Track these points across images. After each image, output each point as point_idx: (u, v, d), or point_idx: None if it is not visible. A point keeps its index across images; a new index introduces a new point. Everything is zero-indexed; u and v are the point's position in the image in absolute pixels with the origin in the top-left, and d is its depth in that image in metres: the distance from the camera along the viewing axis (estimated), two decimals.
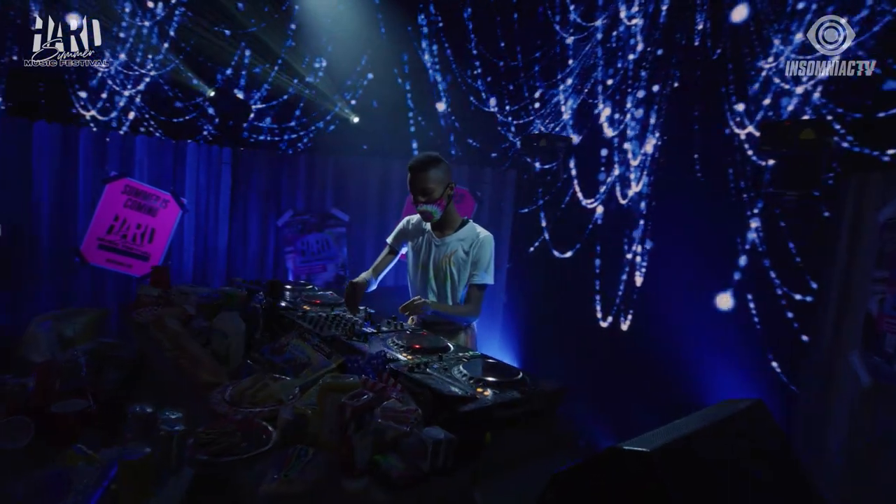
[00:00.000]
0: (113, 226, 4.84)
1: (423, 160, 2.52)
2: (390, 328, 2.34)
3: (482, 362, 1.92)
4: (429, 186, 2.50)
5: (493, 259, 2.62)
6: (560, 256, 4.91)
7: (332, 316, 2.43)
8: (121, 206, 4.86)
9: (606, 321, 4.57)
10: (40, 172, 4.48)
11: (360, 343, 2.02)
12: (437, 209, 2.56)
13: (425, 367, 1.82)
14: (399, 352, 1.99)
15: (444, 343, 2.13)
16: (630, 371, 4.27)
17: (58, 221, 4.60)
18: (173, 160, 5.09)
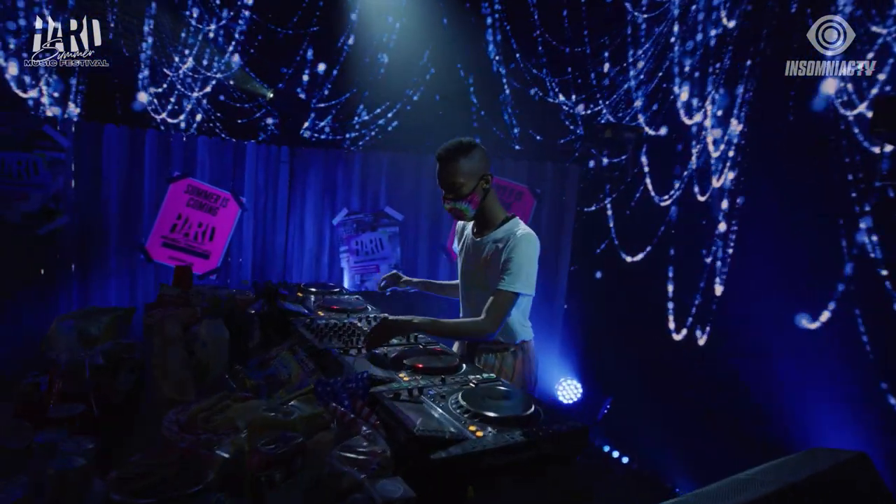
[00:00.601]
0: (176, 224, 4.92)
1: (452, 148, 2.11)
2: (402, 342, 2.05)
3: (491, 390, 1.58)
4: (458, 180, 2.09)
5: (531, 264, 2.09)
6: (629, 260, 4.41)
7: (343, 324, 2.19)
8: (183, 204, 4.94)
9: (680, 334, 4.02)
10: (109, 171, 4.63)
11: (352, 359, 1.74)
12: (469, 206, 2.15)
13: (419, 394, 1.51)
14: (395, 372, 1.69)
15: (455, 362, 1.81)
16: (705, 394, 3.72)
17: (125, 219, 4.74)
18: (233, 160, 5.11)
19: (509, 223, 2.21)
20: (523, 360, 2.20)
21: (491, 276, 2.12)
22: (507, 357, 2.18)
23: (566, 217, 4.62)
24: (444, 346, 2.06)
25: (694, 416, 3.74)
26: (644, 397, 4.12)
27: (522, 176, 4.61)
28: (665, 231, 4.15)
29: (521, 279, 2.06)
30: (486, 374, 1.77)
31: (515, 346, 2.20)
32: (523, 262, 2.07)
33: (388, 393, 1.45)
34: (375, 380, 1.56)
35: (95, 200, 4.61)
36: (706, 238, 3.87)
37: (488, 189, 2.18)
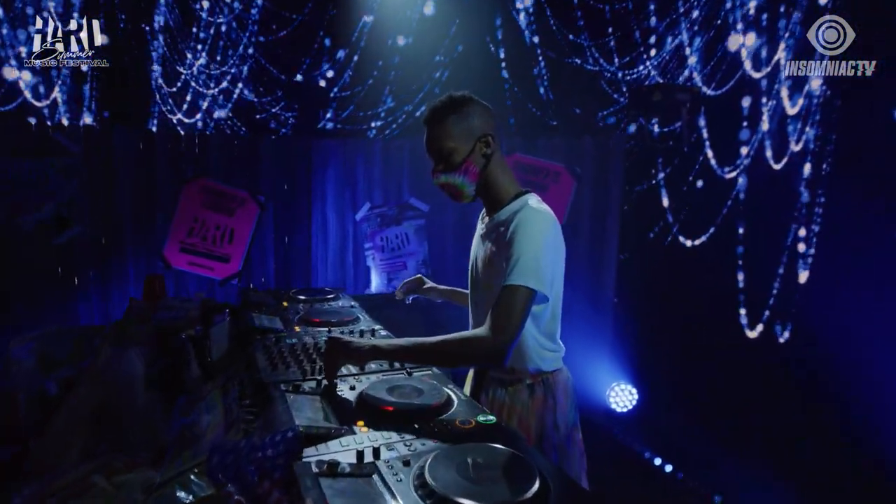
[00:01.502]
0: (193, 227, 4.65)
1: (439, 105, 1.59)
2: (381, 367, 1.56)
3: (479, 455, 1.07)
4: (447, 144, 1.56)
5: (544, 250, 1.49)
6: (689, 244, 3.75)
7: (316, 343, 1.73)
8: (199, 206, 4.66)
9: (755, 331, 3.35)
10: (121, 176, 4.41)
11: (302, 398, 1.28)
12: (465, 179, 1.59)
13: (373, 460, 1.03)
14: (354, 418, 1.22)
15: (440, 398, 1.31)
16: (791, 404, 3.05)
17: (141, 225, 4.51)
18: (248, 157, 4.79)
19: (518, 200, 1.63)
20: (544, 399, 1.61)
21: (496, 273, 1.55)
22: (519, 392, 1.62)
23: (612, 198, 4.01)
24: (439, 374, 1.56)
25: (774, 431, 3.08)
26: (712, 405, 3.47)
27: (559, 154, 4.03)
28: (732, 208, 3.47)
29: (531, 269, 1.45)
30: (483, 415, 1.26)
31: (532, 376, 1.62)
32: (532, 246, 1.48)
33: (318, 465, 0.97)
34: (313, 435, 1.09)
35: (109, 207, 4.40)
36: (784, 213, 3.17)
37: (490, 154, 1.61)
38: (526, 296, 1.44)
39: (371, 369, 1.54)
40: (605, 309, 4.07)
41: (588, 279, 4.07)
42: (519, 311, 1.43)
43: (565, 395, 1.66)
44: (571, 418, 1.69)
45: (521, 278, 1.44)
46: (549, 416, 1.61)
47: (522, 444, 1.16)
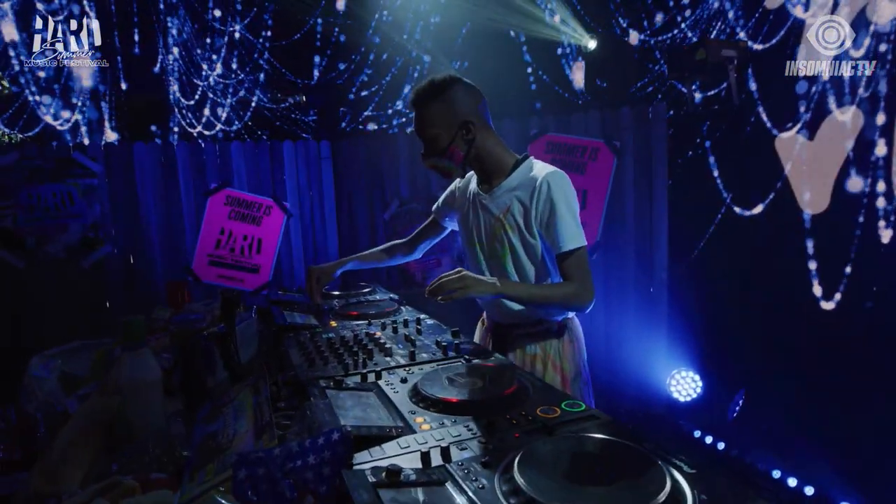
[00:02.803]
0: (220, 240, 4.51)
1: (420, 91, 1.62)
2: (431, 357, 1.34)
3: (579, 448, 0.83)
4: (431, 131, 1.61)
5: (576, 207, 1.62)
6: (745, 214, 3.43)
7: (356, 337, 1.52)
8: (225, 217, 4.52)
9: (832, 301, 3.01)
10: (145, 193, 4.30)
11: (345, 396, 1.05)
12: (451, 163, 1.65)
13: (443, 463, 0.80)
14: (412, 413, 0.99)
15: (509, 387, 1.07)
16: (880, 384, 2.70)
17: (168, 241, 4.40)
18: (270, 163, 4.65)
19: (523, 166, 1.69)
20: (571, 341, 1.72)
21: (519, 236, 1.66)
22: (551, 341, 1.70)
23: (657, 172, 3.71)
24: (501, 357, 1.32)
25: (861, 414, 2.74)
26: (787, 387, 3.14)
27: (595, 129, 3.75)
28: (793, 169, 3.15)
29: (579, 228, 1.61)
30: (568, 402, 1.01)
31: (558, 324, 1.71)
32: (573, 206, 1.61)
33: (375, 473, 0.74)
34: (364, 437, 0.86)
35: (135, 224, 4.30)
36: (856, 167, 2.84)
37: (472, 139, 1.64)
38: (585, 251, 1.61)
39: (423, 359, 1.31)
40: (658, 291, 3.77)
41: (638, 260, 3.78)
42: (588, 266, 1.61)
43: (581, 339, 1.78)
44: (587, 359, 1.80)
45: (582, 239, 1.59)
46: (578, 356, 1.73)
47: (626, 431, 0.91)
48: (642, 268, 3.77)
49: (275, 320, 1.70)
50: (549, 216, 1.58)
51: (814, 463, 2.84)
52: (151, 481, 0.90)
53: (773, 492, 2.90)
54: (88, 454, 1.01)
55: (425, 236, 2.07)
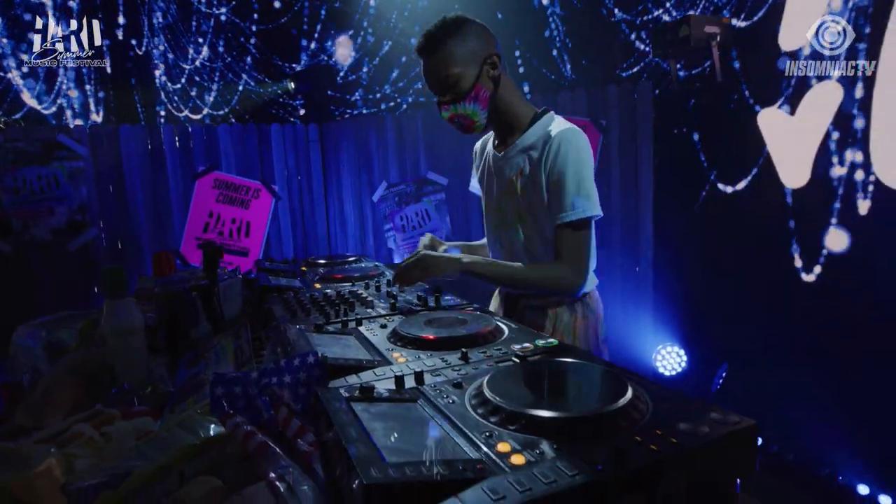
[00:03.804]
0: (208, 223, 4.52)
1: (434, 30, 1.45)
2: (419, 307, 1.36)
3: (545, 368, 0.86)
4: (452, 72, 1.44)
5: (588, 171, 1.43)
6: (729, 190, 3.47)
7: (339, 294, 1.54)
8: (213, 201, 4.52)
9: (811, 273, 3.06)
10: (132, 176, 4.28)
11: (319, 336, 1.07)
12: (477, 108, 1.47)
13: (416, 385, 0.83)
14: (387, 350, 1.02)
15: (490, 325, 1.10)
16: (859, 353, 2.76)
17: (156, 224, 4.39)
18: (258, 146, 4.64)
19: (542, 120, 1.52)
20: (585, 317, 1.57)
21: (530, 204, 1.50)
22: (562, 314, 1.55)
23: (642, 150, 3.74)
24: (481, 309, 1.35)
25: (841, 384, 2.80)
26: (768, 358, 3.19)
27: (581, 107, 3.77)
28: (775, 144, 3.19)
29: (589, 197, 1.44)
30: (542, 338, 1.04)
31: (571, 300, 1.57)
32: (582, 171, 1.42)
33: (349, 391, 0.76)
34: (340, 366, 0.88)
35: (122, 207, 4.28)
36: (835, 140, 2.88)
37: (499, 76, 1.49)
38: (589, 227, 1.46)
39: (405, 309, 1.33)
40: (644, 268, 3.81)
41: (623, 238, 3.82)
42: (588, 245, 1.47)
43: (600, 315, 1.64)
44: (604, 330, 1.66)
45: (583, 210, 1.42)
46: (591, 333, 1.59)
47: (600, 360, 0.94)
48: (628, 245, 3.81)
49: (260, 282, 1.71)
50: (560, 176, 1.40)
51: (796, 430, 2.90)
52: (134, 412, 0.92)
53: None
54: (71, 396, 1.03)
55: None
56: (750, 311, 3.33)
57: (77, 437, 0.80)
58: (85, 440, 0.79)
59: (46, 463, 0.56)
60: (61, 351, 2.01)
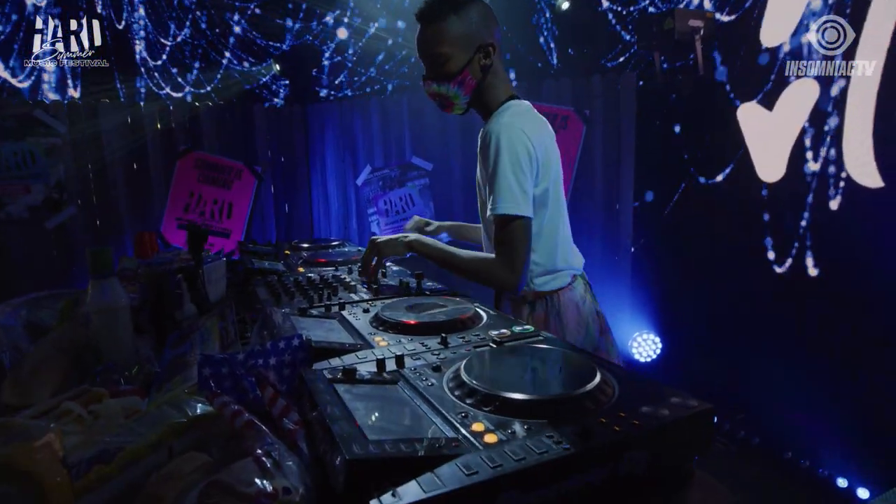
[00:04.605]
0: (189, 203, 4.48)
1: (432, 3, 1.43)
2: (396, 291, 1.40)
3: (521, 352, 0.91)
4: (442, 50, 1.42)
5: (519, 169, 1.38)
6: (708, 183, 3.55)
7: (322, 278, 1.56)
8: (194, 181, 4.48)
9: (783, 265, 3.16)
10: (111, 154, 4.22)
11: (303, 320, 1.11)
12: (459, 92, 1.47)
13: (397, 367, 0.87)
14: (370, 334, 1.05)
15: (468, 312, 1.14)
16: (826, 340, 2.87)
17: (135, 203, 4.34)
18: (242, 127, 4.60)
19: (500, 110, 1.51)
20: (545, 318, 1.53)
21: (485, 197, 1.52)
22: (520, 308, 1.56)
23: (625, 142, 3.79)
24: (461, 294, 1.39)
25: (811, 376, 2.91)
26: (742, 347, 3.30)
27: (566, 97, 3.81)
28: (752, 138, 3.26)
29: (513, 195, 1.38)
30: (519, 324, 1.09)
31: (532, 294, 1.55)
32: (508, 167, 1.38)
33: (332, 373, 0.80)
34: (324, 349, 0.92)
35: (102, 186, 4.22)
36: (810, 136, 2.97)
37: (489, 66, 1.49)
38: (520, 224, 1.39)
39: (387, 294, 1.37)
40: (622, 258, 3.89)
41: (603, 226, 3.88)
42: (519, 241, 1.40)
43: (578, 316, 1.54)
44: (595, 341, 1.55)
45: (508, 207, 1.38)
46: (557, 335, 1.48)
47: (573, 347, 0.99)
48: (608, 236, 3.88)
49: (244, 265, 1.73)
50: (486, 171, 1.41)
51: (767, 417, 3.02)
52: (121, 391, 0.94)
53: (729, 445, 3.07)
54: (58, 375, 1.05)
55: None
56: (724, 300, 3.43)
57: (66, 415, 0.82)
58: (74, 417, 0.82)
59: (47, 436, 0.59)
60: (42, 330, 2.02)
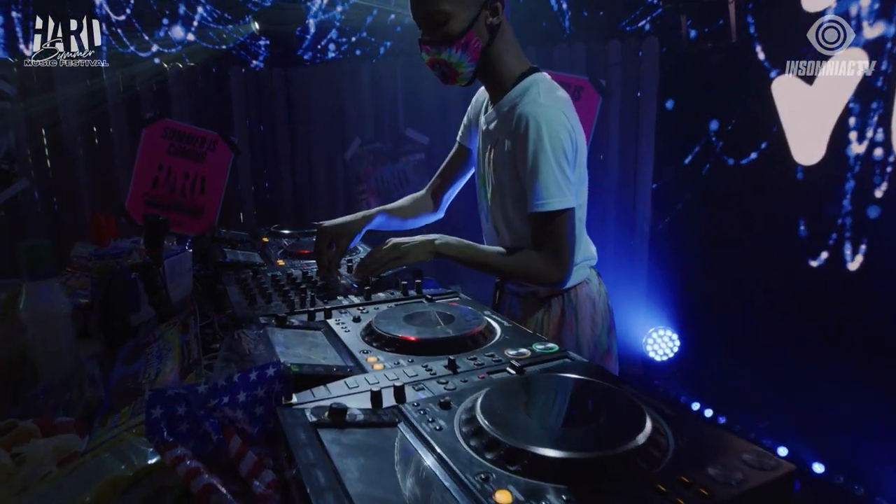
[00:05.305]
0: (157, 177, 4.32)
1: None
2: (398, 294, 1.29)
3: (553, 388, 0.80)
4: (441, 7, 1.31)
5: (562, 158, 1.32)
6: (736, 163, 3.44)
7: (305, 275, 1.45)
8: (163, 153, 4.31)
9: (818, 258, 3.07)
10: (68, 121, 4.04)
11: (282, 333, 0.99)
12: (464, 57, 1.36)
13: (396, 402, 0.76)
14: (364, 353, 0.94)
15: (480, 324, 1.03)
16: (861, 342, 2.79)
17: (96, 177, 4.18)
18: (217, 93, 4.42)
19: (522, 83, 1.41)
20: (561, 316, 1.48)
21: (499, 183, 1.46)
22: (532, 306, 1.51)
23: (644, 115, 3.66)
24: (466, 300, 1.28)
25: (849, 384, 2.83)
26: (769, 349, 3.22)
27: (580, 65, 3.65)
28: (789, 115, 3.14)
29: (560, 187, 1.32)
30: (540, 341, 0.98)
31: (548, 291, 1.50)
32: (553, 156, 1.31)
33: (316, 413, 0.69)
34: (307, 375, 0.81)
35: (57, 157, 4.05)
36: (856, 114, 2.85)
37: (498, 25, 1.37)
38: (566, 217, 1.36)
39: (380, 298, 1.25)
40: (639, 244, 3.78)
41: (618, 209, 3.77)
42: (567, 235, 1.36)
43: (593, 312, 1.52)
44: (603, 342, 1.54)
45: (556, 202, 1.33)
46: (568, 337, 1.48)
47: (601, 373, 0.88)
48: (623, 219, 3.77)
49: (213, 257, 1.61)
50: (525, 162, 1.34)
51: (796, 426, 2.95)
52: (55, 425, 0.83)
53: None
54: None
55: (451, 172, 1.72)
56: (750, 294, 3.34)
57: None
58: None
59: None
60: None
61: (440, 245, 1.39)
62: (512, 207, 1.46)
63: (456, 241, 1.43)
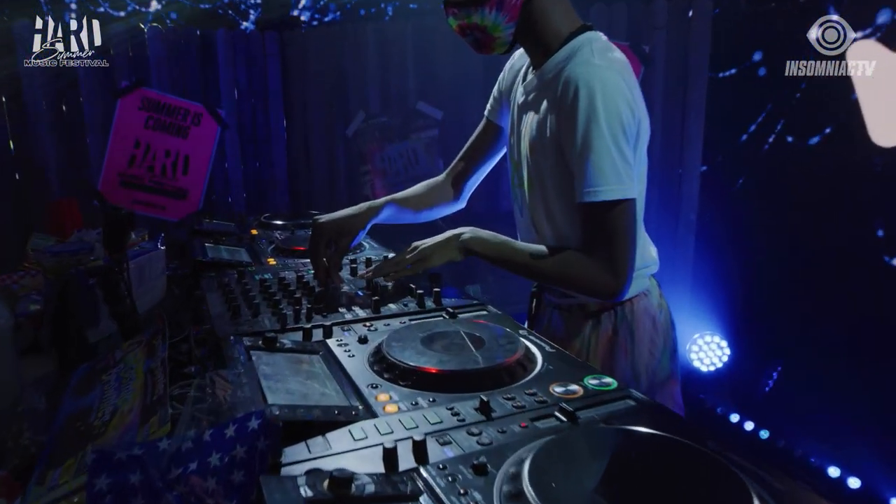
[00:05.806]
0: (135, 155, 4.24)
1: None
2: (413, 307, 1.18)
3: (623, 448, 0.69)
4: None
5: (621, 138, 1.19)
6: (800, 144, 3.30)
7: (300, 279, 1.35)
8: (141, 126, 4.23)
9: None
10: (33, 91, 3.96)
11: (270, 358, 0.88)
12: (500, 19, 1.24)
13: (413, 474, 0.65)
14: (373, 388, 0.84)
15: (518, 351, 0.92)
16: None
17: (65, 154, 4.11)
18: (201, 59, 4.33)
19: (572, 44, 1.27)
20: (613, 335, 1.35)
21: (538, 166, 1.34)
22: (578, 321, 1.38)
23: (693, 87, 3.54)
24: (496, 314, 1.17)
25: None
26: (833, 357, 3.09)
27: (620, 27, 3.52)
28: (866, 87, 2.99)
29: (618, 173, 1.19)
30: (592, 374, 0.86)
31: (599, 304, 1.37)
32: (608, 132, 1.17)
33: (311, 483, 0.58)
34: (300, 422, 0.70)
35: (22, 131, 3.99)
36: None
37: None
38: (625, 209, 1.22)
39: (391, 310, 1.14)
40: (684, 235, 3.69)
41: (660, 196, 3.67)
42: (626, 232, 1.23)
43: (653, 332, 1.38)
44: (665, 367, 1.41)
45: (613, 190, 1.19)
46: (622, 359, 1.35)
47: (676, 420, 0.76)
48: (667, 206, 3.69)
49: (192, 255, 1.51)
50: (573, 139, 1.20)
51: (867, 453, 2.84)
52: None
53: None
54: None
55: (477, 154, 1.60)
56: (815, 297, 3.23)
57: None
58: None
59: None
60: None
61: (470, 240, 1.30)
62: (555, 199, 1.33)
63: (489, 236, 1.34)
